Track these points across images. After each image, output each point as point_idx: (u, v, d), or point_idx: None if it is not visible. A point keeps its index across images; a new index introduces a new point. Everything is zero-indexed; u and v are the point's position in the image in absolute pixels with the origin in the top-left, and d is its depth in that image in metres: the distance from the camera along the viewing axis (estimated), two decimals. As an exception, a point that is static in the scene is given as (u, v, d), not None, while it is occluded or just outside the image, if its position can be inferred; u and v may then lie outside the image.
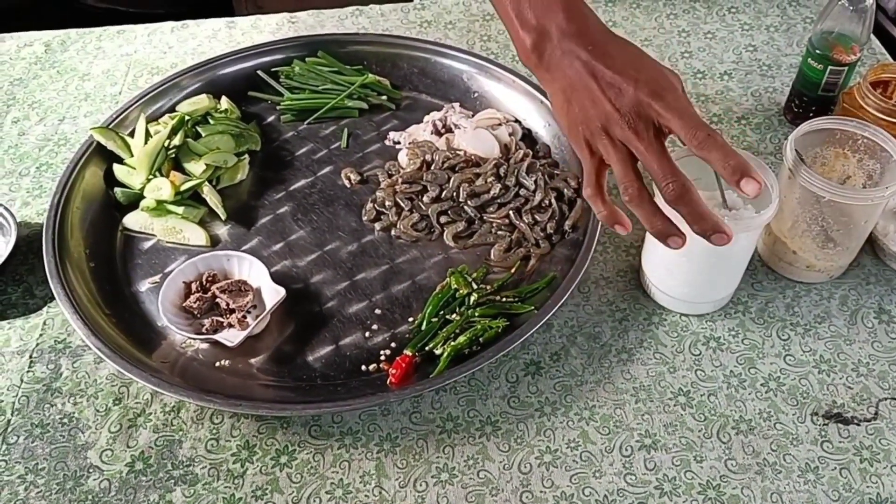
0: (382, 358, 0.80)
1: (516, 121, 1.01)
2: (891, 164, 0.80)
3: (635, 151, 0.65)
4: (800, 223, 0.81)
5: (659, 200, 0.67)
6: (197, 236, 0.91)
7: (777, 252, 0.86)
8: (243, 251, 0.88)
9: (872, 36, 1.03)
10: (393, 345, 0.82)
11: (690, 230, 0.65)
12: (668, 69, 0.68)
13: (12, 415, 0.77)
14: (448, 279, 0.85)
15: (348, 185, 0.97)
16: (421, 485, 0.73)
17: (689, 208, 0.64)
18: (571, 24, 0.68)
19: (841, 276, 0.87)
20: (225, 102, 1.03)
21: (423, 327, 0.81)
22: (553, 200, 0.91)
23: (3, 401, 0.78)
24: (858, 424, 0.76)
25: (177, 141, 0.95)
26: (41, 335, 0.83)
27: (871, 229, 0.85)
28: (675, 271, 0.81)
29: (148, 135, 0.96)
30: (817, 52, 0.94)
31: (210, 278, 0.85)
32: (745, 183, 0.62)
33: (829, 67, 0.94)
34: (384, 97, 1.06)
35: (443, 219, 0.91)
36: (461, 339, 0.78)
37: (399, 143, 1.01)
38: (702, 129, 0.63)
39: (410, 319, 0.84)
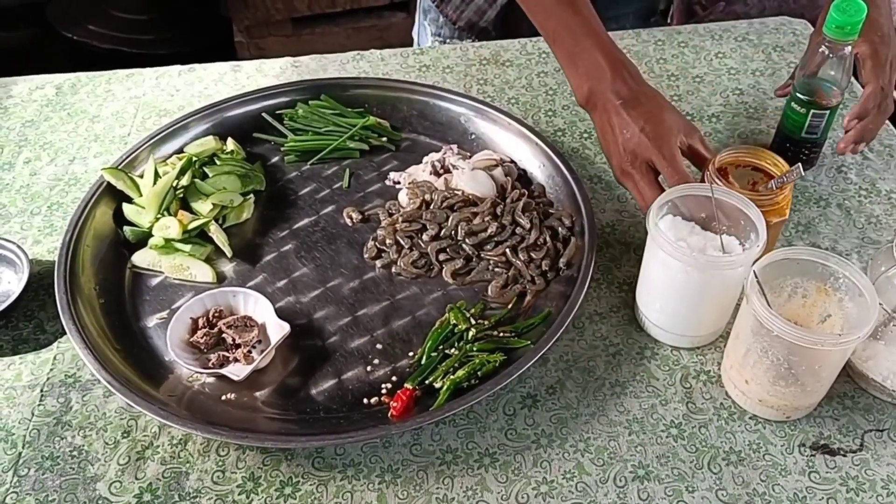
0: (384, 391, 0.83)
1: (512, 162, 1.04)
2: (864, 311, 0.73)
3: (629, 180, 0.90)
4: (751, 353, 0.77)
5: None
6: (203, 273, 0.93)
7: (732, 378, 0.82)
8: (249, 288, 0.91)
9: (853, 79, 1.07)
10: (394, 378, 0.84)
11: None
12: (684, 121, 0.90)
13: (23, 447, 0.79)
14: (447, 315, 0.88)
15: (350, 224, 1.00)
16: (421, 515, 0.75)
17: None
18: (616, 80, 0.91)
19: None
20: (231, 144, 1.06)
21: (423, 361, 0.84)
22: (548, 238, 0.94)
23: (14, 434, 0.80)
24: (845, 455, 0.79)
25: (185, 181, 0.98)
26: (52, 369, 0.86)
27: (833, 377, 0.78)
28: (668, 305, 0.84)
29: (157, 175, 0.98)
30: (800, 96, 0.98)
31: (216, 314, 0.87)
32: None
33: (812, 111, 0.98)
34: (384, 139, 1.09)
35: (442, 256, 0.94)
36: (460, 372, 0.81)
37: (399, 183, 1.04)
38: (675, 176, 0.85)
39: (411, 354, 0.86)
